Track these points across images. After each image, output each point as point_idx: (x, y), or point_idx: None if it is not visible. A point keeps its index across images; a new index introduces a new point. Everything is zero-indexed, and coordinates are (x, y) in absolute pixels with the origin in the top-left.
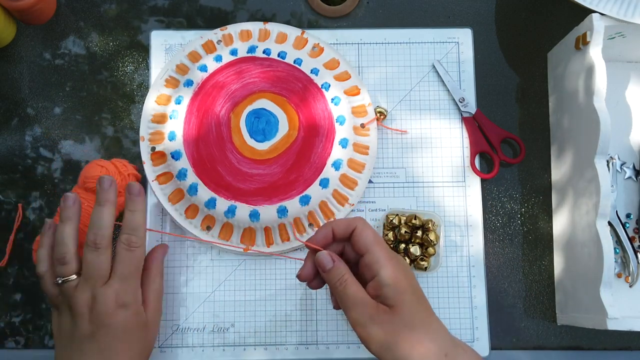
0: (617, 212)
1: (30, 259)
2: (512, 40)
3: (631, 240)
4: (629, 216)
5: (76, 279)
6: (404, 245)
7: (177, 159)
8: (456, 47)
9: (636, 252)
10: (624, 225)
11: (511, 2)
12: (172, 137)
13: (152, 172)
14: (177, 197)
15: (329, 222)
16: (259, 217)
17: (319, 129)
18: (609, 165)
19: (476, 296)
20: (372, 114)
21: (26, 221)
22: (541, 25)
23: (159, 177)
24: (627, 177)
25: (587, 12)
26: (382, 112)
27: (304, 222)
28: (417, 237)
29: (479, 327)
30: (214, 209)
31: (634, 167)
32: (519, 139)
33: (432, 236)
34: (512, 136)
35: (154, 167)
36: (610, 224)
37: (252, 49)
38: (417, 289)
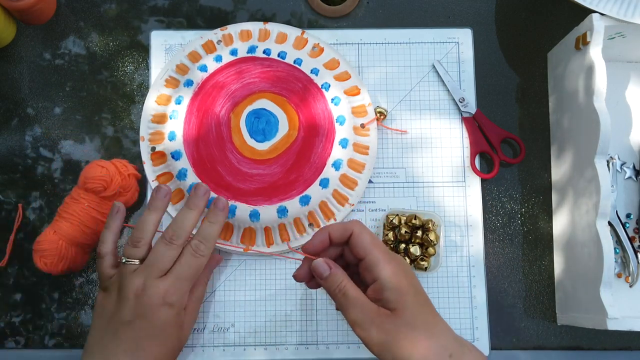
0: (617, 212)
1: (30, 259)
2: (512, 40)
3: (631, 240)
4: (629, 216)
5: (138, 264)
6: (404, 245)
7: (177, 159)
8: (456, 47)
9: (636, 252)
10: (624, 225)
11: (511, 2)
12: (172, 137)
13: (152, 172)
14: (177, 197)
15: (325, 227)
16: (259, 217)
17: (319, 129)
18: (609, 165)
19: (476, 296)
20: (372, 114)
21: (26, 221)
22: (541, 25)
23: (159, 177)
24: (627, 177)
25: (587, 12)
26: (382, 112)
27: (304, 222)
28: (417, 237)
29: (479, 327)
30: None
31: (634, 167)
32: (519, 139)
33: (432, 236)
34: (512, 136)
35: (154, 167)
36: (610, 224)
37: (252, 49)
38: (419, 290)
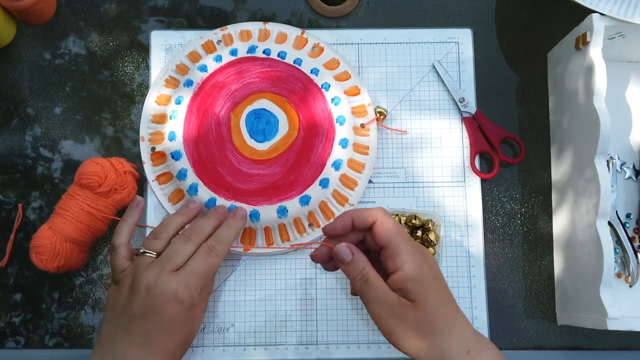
0: (617, 212)
1: (30, 259)
2: (512, 40)
3: (631, 240)
4: (629, 216)
5: (154, 257)
6: None
7: (177, 159)
8: (456, 47)
9: (636, 252)
10: (624, 225)
11: (511, 2)
12: (172, 137)
13: (152, 172)
14: (177, 197)
15: (348, 212)
16: (259, 217)
17: (319, 129)
18: (609, 165)
19: (476, 296)
20: (372, 114)
21: (26, 221)
22: (541, 25)
23: (159, 177)
24: (627, 177)
25: (587, 12)
26: (382, 112)
27: (304, 222)
28: (417, 237)
29: (479, 327)
30: None
31: (634, 167)
32: (519, 139)
33: (432, 236)
34: (512, 136)
35: (154, 167)
36: (610, 224)
37: (252, 49)
38: (442, 283)
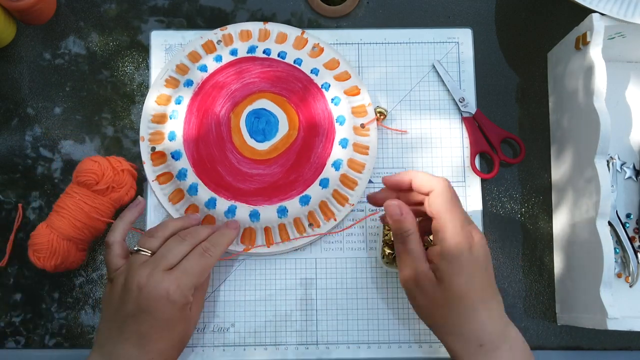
0: (617, 212)
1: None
2: (512, 40)
3: (631, 240)
4: (629, 216)
5: (148, 255)
6: None
7: (177, 159)
8: (456, 47)
9: (636, 252)
10: (624, 225)
11: (511, 2)
12: (172, 137)
13: (152, 172)
14: (177, 197)
15: (412, 172)
16: (259, 217)
17: (319, 129)
18: (609, 165)
19: None
20: (372, 114)
21: (26, 221)
22: (541, 25)
23: (159, 177)
24: (627, 177)
25: (587, 12)
26: (382, 112)
27: (304, 222)
28: None
29: None
30: (214, 209)
31: (634, 167)
32: (519, 139)
33: (432, 237)
34: (512, 136)
35: (154, 167)
36: (610, 224)
37: (252, 49)
38: (478, 273)
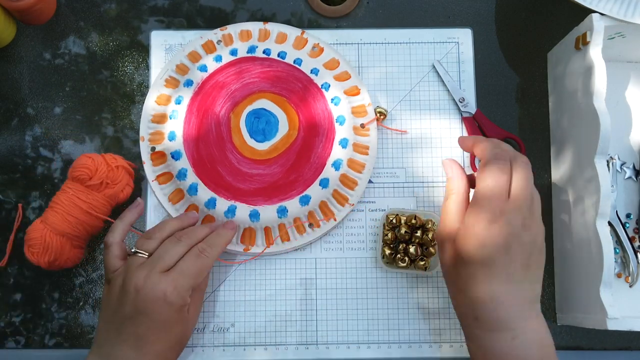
0: (617, 212)
1: None
2: (512, 40)
3: (631, 240)
4: (629, 216)
5: (146, 257)
6: (403, 245)
7: (177, 159)
8: (456, 47)
9: (636, 252)
10: (624, 225)
11: (511, 2)
12: (172, 137)
13: (152, 172)
14: (177, 197)
15: (477, 139)
16: (259, 217)
17: (318, 129)
18: (609, 165)
19: None
20: (372, 114)
21: (26, 221)
22: (541, 25)
23: (159, 177)
24: (627, 177)
25: (587, 12)
26: (382, 112)
27: (304, 222)
28: (416, 237)
29: None
30: (213, 209)
31: (634, 167)
32: (519, 139)
33: (431, 236)
34: (512, 136)
35: (154, 167)
36: (610, 224)
37: (252, 49)
38: (498, 261)
